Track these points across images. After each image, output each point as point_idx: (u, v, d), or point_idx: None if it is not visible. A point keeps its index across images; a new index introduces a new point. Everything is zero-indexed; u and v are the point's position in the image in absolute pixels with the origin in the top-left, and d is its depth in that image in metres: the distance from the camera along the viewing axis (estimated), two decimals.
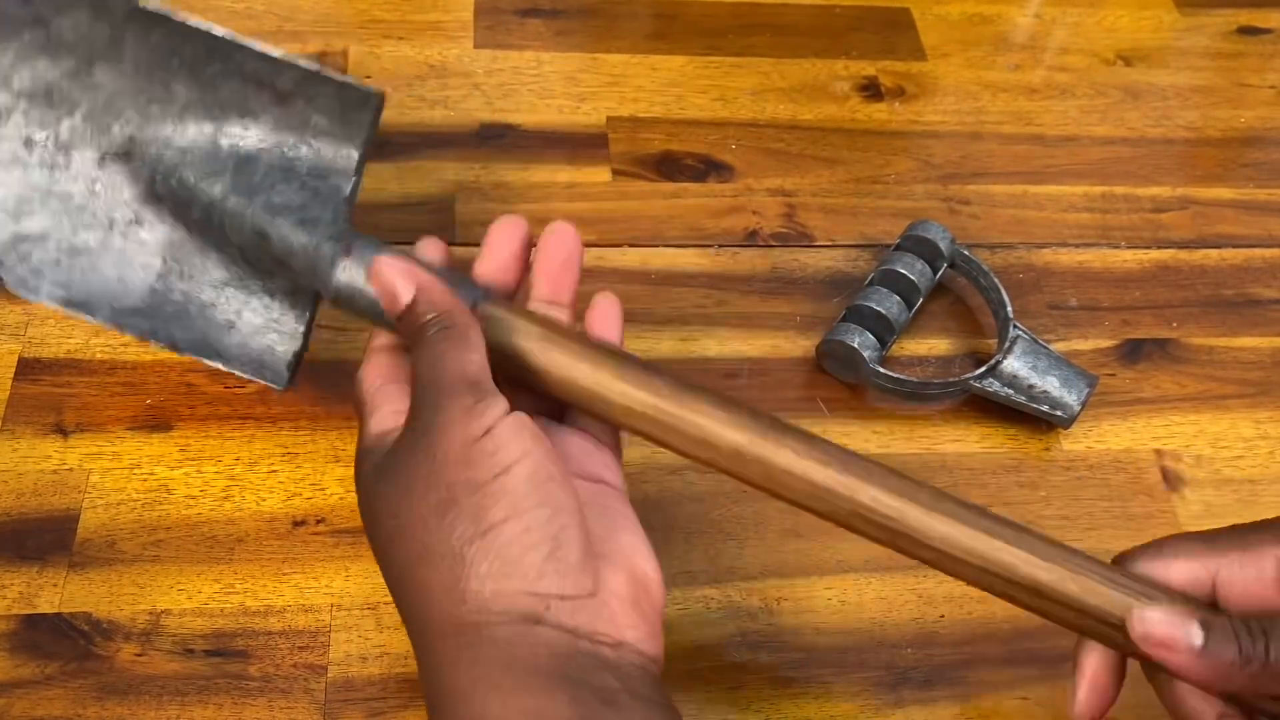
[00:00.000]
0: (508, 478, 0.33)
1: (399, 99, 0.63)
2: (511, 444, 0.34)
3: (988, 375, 0.53)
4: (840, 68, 0.69)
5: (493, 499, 0.33)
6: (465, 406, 0.34)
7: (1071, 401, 0.52)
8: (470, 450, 0.34)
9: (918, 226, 0.57)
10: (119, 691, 0.43)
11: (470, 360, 0.36)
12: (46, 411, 0.50)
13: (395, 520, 0.35)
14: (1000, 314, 0.55)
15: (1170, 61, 0.72)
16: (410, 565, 0.34)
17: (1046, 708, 0.46)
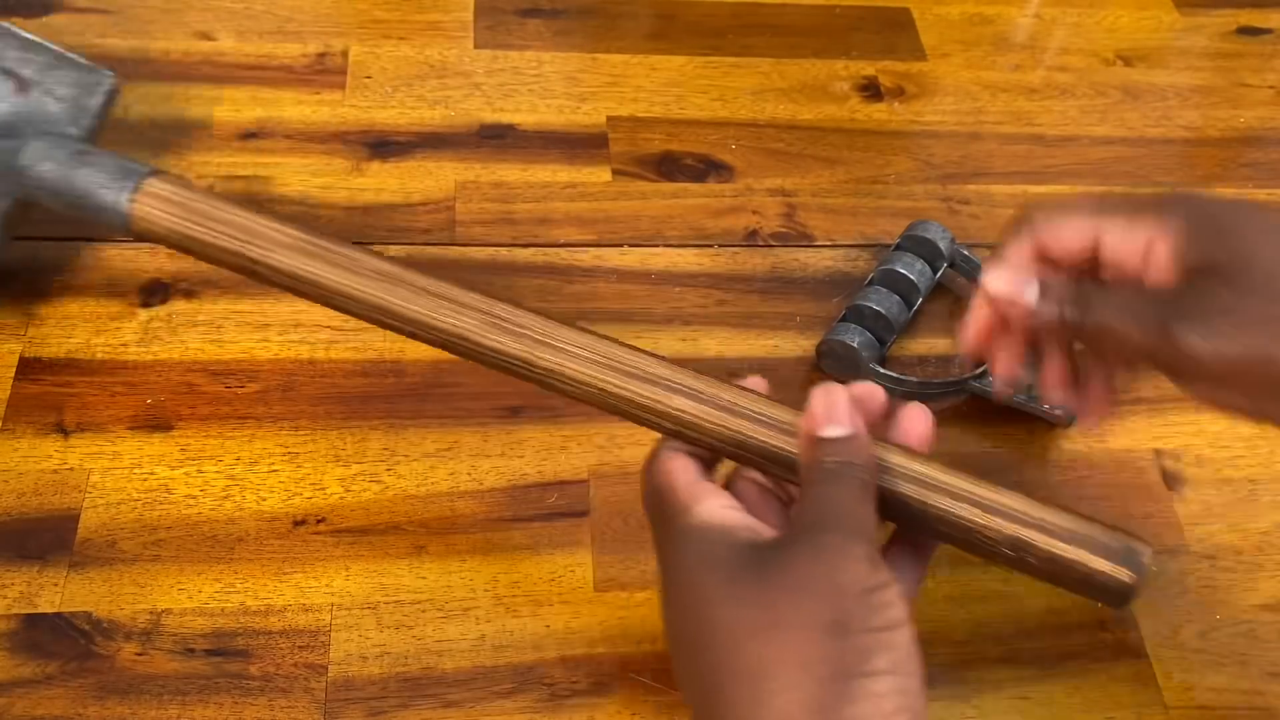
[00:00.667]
0: (896, 634, 0.33)
1: (399, 99, 0.63)
2: (900, 606, 0.34)
3: (987, 375, 0.53)
4: (840, 68, 0.69)
5: (880, 646, 0.33)
6: (868, 553, 0.35)
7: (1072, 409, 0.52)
8: (868, 595, 0.34)
9: (918, 226, 0.57)
10: (119, 691, 0.43)
11: (874, 521, 0.37)
12: (47, 411, 0.50)
13: (768, 614, 0.34)
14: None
15: (1170, 61, 0.72)
16: (769, 665, 0.33)
17: (1046, 707, 0.46)
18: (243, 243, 0.43)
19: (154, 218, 0.44)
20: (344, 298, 0.42)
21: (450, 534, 0.48)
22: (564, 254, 0.58)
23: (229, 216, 0.44)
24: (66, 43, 0.63)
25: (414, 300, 0.41)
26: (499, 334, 0.41)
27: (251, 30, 0.65)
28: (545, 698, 0.44)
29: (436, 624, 0.46)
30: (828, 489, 0.36)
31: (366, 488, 0.49)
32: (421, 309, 0.41)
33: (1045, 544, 0.37)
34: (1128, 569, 0.37)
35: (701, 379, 0.40)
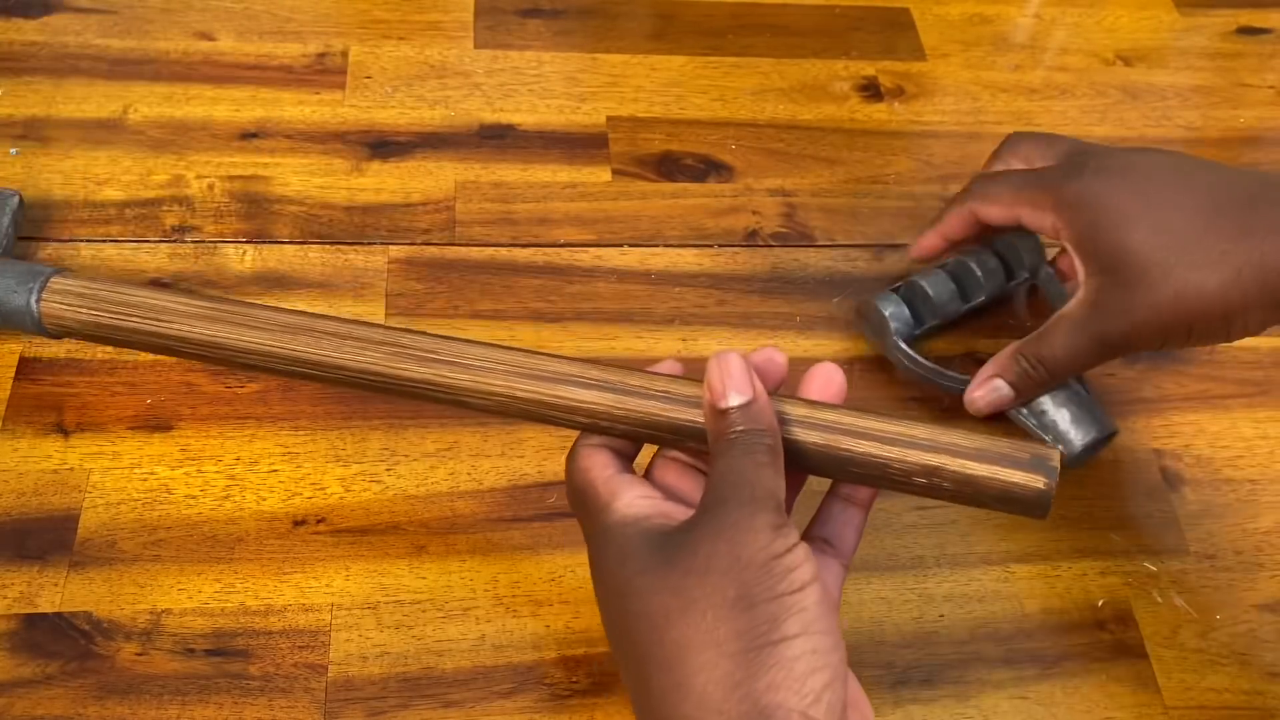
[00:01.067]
0: (803, 595, 0.34)
1: (399, 99, 0.63)
2: (806, 567, 0.35)
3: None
4: (840, 68, 0.69)
5: (787, 611, 0.34)
6: (772, 523, 0.36)
7: (1074, 439, 0.50)
8: (772, 562, 0.35)
9: (1017, 235, 0.55)
10: (119, 691, 0.43)
11: (780, 485, 0.37)
12: (47, 411, 0.50)
13: (678, 599, 0.35)
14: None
15: (1170, 61, 0.72)
16: (686, 649, 0.34)
17: (1046, 707, 0.46)
18: (149, 320, 0.44)
19: (63, 313, 0.46)
20: (253, 355, 0.43)
21: (450, 534, 0.48)
22: (564, 254, 0.58)
23: (132, 298, 0.45)
24: (67, 43, 0.64)
25: (318, 345, 0.42)
26: (406, 362, 0.42)
27: (251, 30, 0.65)
28: (545, 698, 0.44)
29: (436, 624, 0.46)
30: (730, 460, 0.37)
31: (366, 488, 0.49)
32: (327, 352, 0.42)
33: (957, 466, 0.39)
34: (1042, 475, 0.38)
35: (608, 370, 0.41)
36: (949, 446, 0.39)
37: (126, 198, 0.57)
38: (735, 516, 0.36)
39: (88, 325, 0.45)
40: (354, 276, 0.56)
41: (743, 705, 0.33)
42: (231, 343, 0.43)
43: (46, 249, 0.55)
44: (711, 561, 0.35)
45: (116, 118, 0.61)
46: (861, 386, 0.55)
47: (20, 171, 0.58)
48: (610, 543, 0.38)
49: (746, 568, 0.34)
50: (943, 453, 0.39)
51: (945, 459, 0.39)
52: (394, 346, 0.42)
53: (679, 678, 0.34)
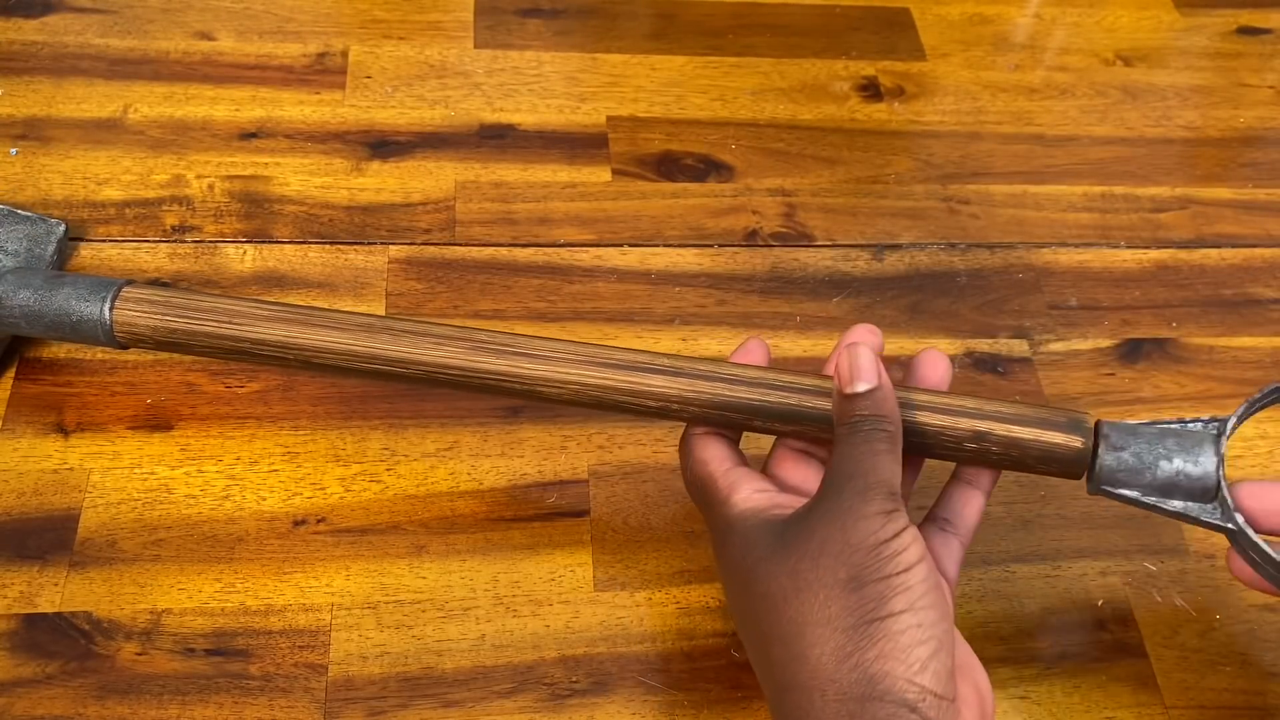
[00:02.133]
0: (909, 575, 0.37)
1: (399, 99, 0.63)
2: (913, 549, 0.37)
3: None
4: (840, 68, 0.69)
5: (894, 590, 0.36)
6: (884, 509, 0.38)
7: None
8: (881, 546, 0.37)
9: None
10: (120, 691, 0.43)
11: (895, 471, 0.39)
12: (47, 411, 0.50)
13: (794, 581, 0.37)
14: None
15: (1170, 61, 0.72)
16: (802, 626, 0.37)
17: (1046, 707, 0.46)
18: (225, 323, 0.45)
19: (135, 320, 0.46)
20: (333, 354, 0.44)
21: (450, 534, 0.48)
22: (564, 254, 0.58)
23: (205, 303, 0.45)
24: (67, 43, 0.64)
25: (397, 342, 0.43)
26: (483, 355, 0.43)
27: (251, 30, 0.65)
28: (545, 698, 0.45)
29: (436, 624, 0.46)
30: (850, 448, 0.40)
31: (366, 488, 0.49)
32: (406, 348, 0.43)
33: (1003, 430, 0.42)
34: (1079, 435, 0.42)
35: (678, 357, 0.43)
36: (994, 413, 0.42)
37: (126, 198, 0.57)
38: (849, 503, 0.38)
39: (161, 331, 0.45)
40: (354, 276, 0.56)
41: (853, 674, 0.35)
42: (310, 343, 0.44)
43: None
44: (825, 545, 0.37)
45: (116, 118, 0.61)
46: None
47: (20, 171, 0.58)
48: (733, 533, 0.40)
49: (856, 551, 0.37)
50: (989, 419, 0.42)
51: (992, 424, 0.42)
52: (470, 341, 0.43)
53: (797, 651, 0.37)
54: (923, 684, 0.35)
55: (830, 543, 0.37)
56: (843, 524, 0.37)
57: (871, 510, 0.38)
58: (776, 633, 0.38)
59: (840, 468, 0.39)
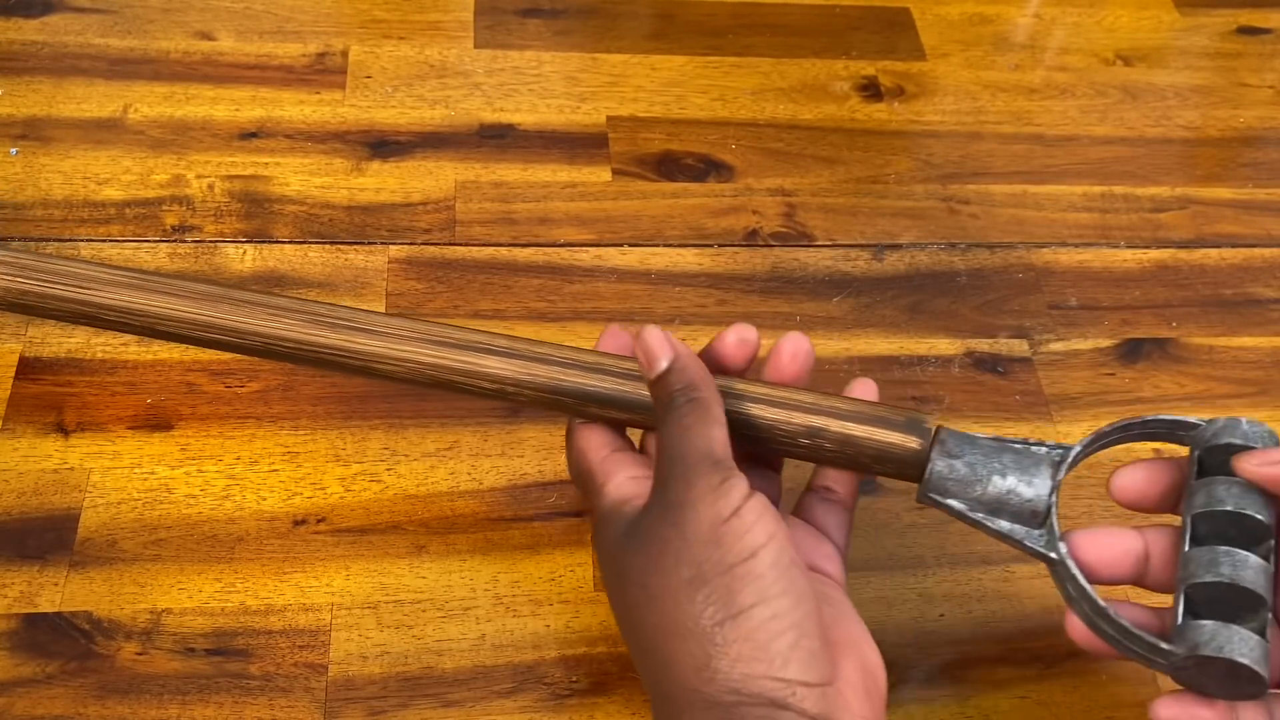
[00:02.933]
0: (755, 562, 0.34)
1: (399, 99, 0.63)
2: (758, 527, 0.35)
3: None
4: (840, 68, 0.69)
5: (742, 582, 0.34)
6: (711, 485, 0.35)
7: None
8: (719, 530, 0.35)
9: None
10: (120, 691, 0.43)
11: (714, 436, 0.37)
12: (47, 411, 0.50)
13: (644, 591, 0.36)
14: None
15: (1170, 61, 0.72)
16: (660, 636, 0.35)
17: (1046, 707, 0.46)
18: (74, 288, 0.44)
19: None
20: (174, 322, 0.44)
21: (450, 534, 0.48)
22: (564, 254, 0.58)
23: (57, 267, 0.45)
24: (67, 43, 0.64)
25: (235, 312, 0.43)
26: (319, 329, 0.43)
27: (251, 30, 0.65)
28: (545, 697, 0.45)
29: (436, 623, 0.46)
30: (667, 427, 0.38)
31: (366, 487, 0.49)
32: (243, 318, 0.43)
33: (838, 427, 0.40)
34: (916, 436, 0.40)
35: (523, 340, 0.42)
36: (830, 409, 0.41)
37: (126, 197, 0.57)
38: (676, 494, 0.36)
39: (11, 293, 0.45)
40: (354, 276, 0.56)
41: (713, 684, 0.34)
42: (152, 310, 0.43)
43: (47, 249, 0.55)
44: (664, 547, 0.35)
45: (116, 117, 0.61)
46: None
47: (20, 171, 0.58)
48: (604, 526, 0.39)
49: (693, 544, 0.35)
50: (824, 415, 0.40)
51: (827, 420, 0.40)
52: (307, 314, 0.43)
53: (661, 660, 0.35)
54: (789, 677, 0.34)
55: (668, 543, 0.35)
56: (675, 519, 0.35)
57: (699, 492, 0.35)
58: (640, 641, 0.36)
59: (663, 455, 0.37)
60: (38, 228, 0.56)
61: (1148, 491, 0.40)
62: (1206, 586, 0.36)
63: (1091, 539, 0.39)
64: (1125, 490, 0.40)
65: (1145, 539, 0.39)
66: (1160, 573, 0.39)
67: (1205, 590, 0.36)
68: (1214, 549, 0.37)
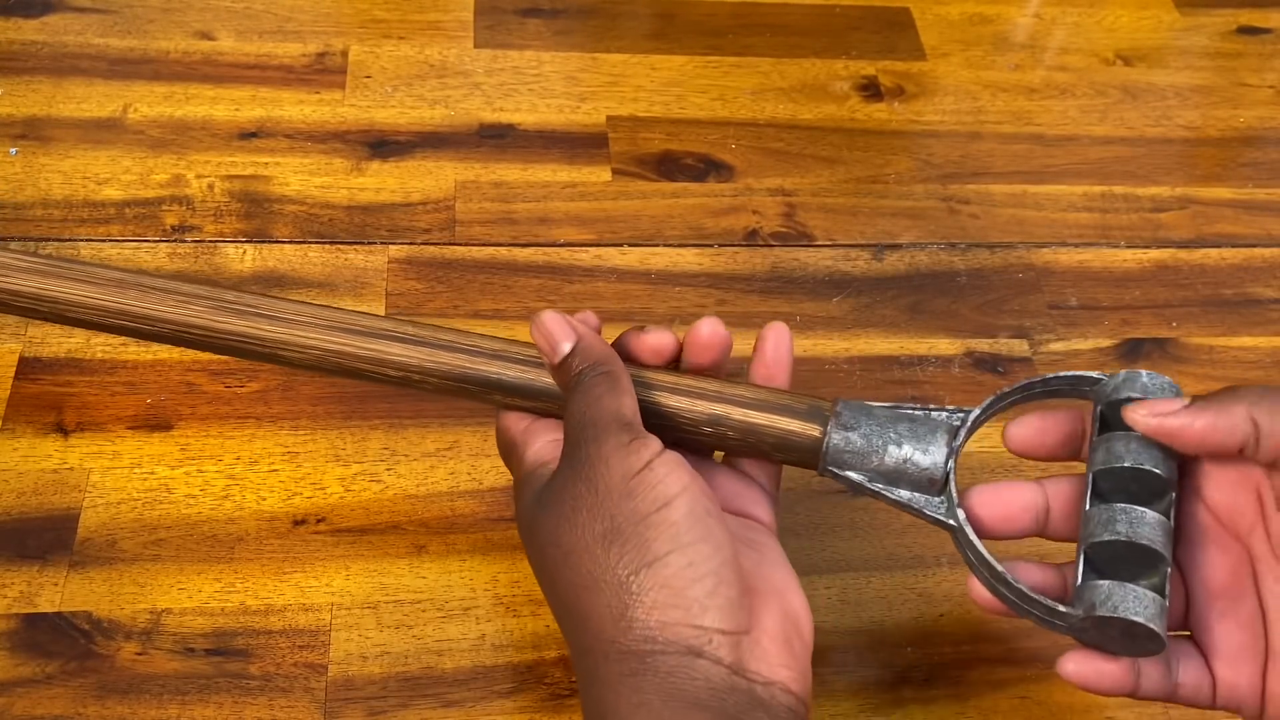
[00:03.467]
0: (669, 511, 0.35)
1: (399, 99, 0.63)
2: (671, 478, 0.35)
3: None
4: (840, 68, 0.69)
5: (656, 531, 0.34)
6: (622, 442, 0.36)
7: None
8: (632, 482, 0.35)
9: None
10: (119, 690, 0.43)
11: (624, 403, 0.38)
12: (47, 411, 0.50)
13: (559, 549, 0.36)
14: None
15: (1170, 61, 0.72)
16: (576, 591, 0.35)
17: (1046, 707, 0.46)
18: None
19: None
20: (84, 309, 0.43)
21: (450, 533, 0.48)
22: (564, 253, 0.58)
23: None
24: (67, 43, 0.64)
25: (144, 299, 0.42)
26: (225, 315, 0.42)
27: (251, 30, 0.65)
28: (545, 697, 0.44)
29: (436, 623, 0.46)
30: (572, 405, 0.38)
31: (366, 487, 0.49)
32: (152, 305, 0.42)
33: (740, 415, 0.40)
34: (817, 424, 0.40)
35: (430, 327, 0.42)
36: (733, 397, 0.40)
37: (126, 197, 0.57)
38: (587, 452, 0.36)
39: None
40: (354, 276, 0.56)
41: (630, 633, 0.34)
42: (62, 297, 0.43)
43: (46, 249, 0.55)
44: (577, 503, 0.36)
45: (116, 117, 0.61)
46: (861, 386, 0.55)
47: (20, 171, 0.58)
48: (522, 491, 0.39)
49: (607, 498, 0.35)
50: (727, 402, 0.40)
51: (729, 408, 0.40)
52: (214, 301, 0.42)
53: (579, 616, 0.35)
54: (704, 625, 0.34)
55: (581, 499, 0.35)
56: (587, 475, 0.36)
57: (609, 449, 0.36)
58: (559, 599, 0.36)
59: (571, 424, 0.38)
60: (37, 228, 0.56)
61: (1042, 440, 0.40)
62: (1105, 546, 0.36)
63: (989, 495, 0.39)
64: (1017, 439, 0.41)
65: (1045, 491, 0.40)
66: (1061, 524, 0.40)
67: (1104, 549, 0.37)
68: (1112, 506, 0.37)
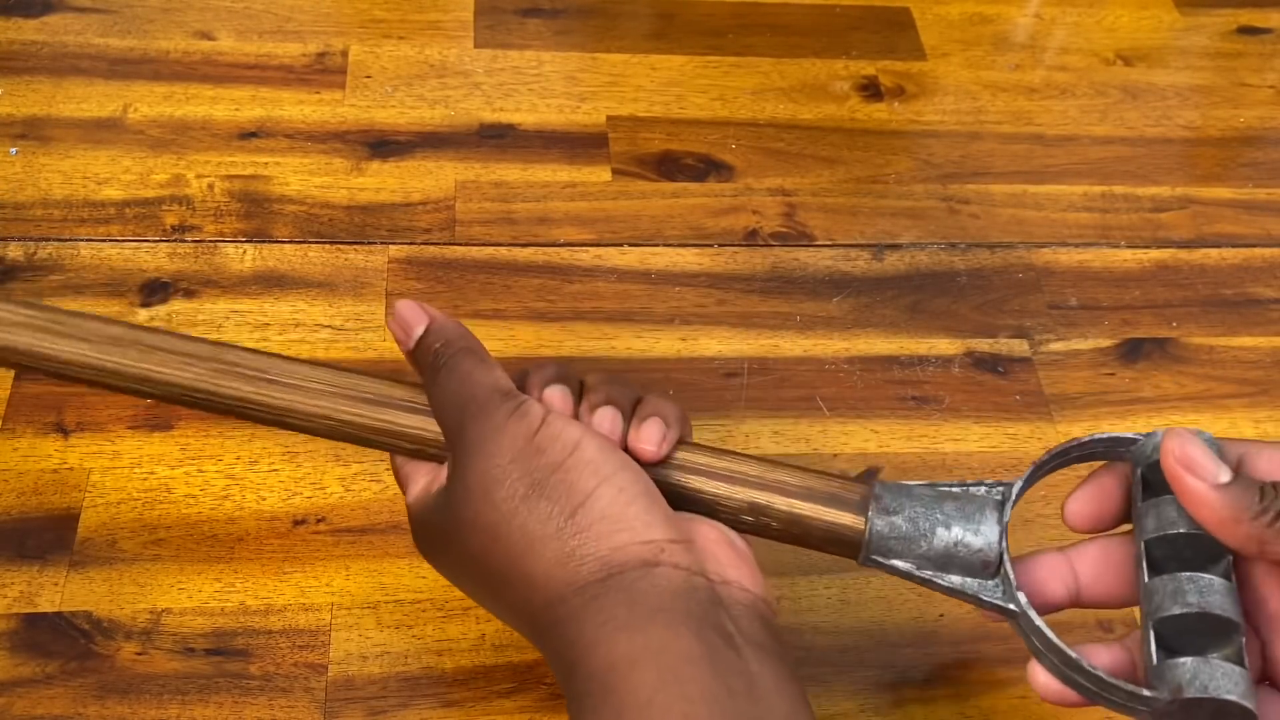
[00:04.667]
0: (581, 452, 0.35)
1: (399, 98, 0.63)
2: (567, 429, 0.36)
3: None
4: (840, 67, 0.69)
5: (577, 473, 0.35)
6: (511, 408, 0.36)
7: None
8: (536, 439, 0.35)
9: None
10: (119, 690, 0.43)
11: (496, 375, 0.38)
12: (47, 411, 0.50)
13: (484, 535, 0.36)
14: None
15: (1170, 61, 0.72)
16: (513, 562, 0.35)
17: (1046, 707, 0.46)
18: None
19: None
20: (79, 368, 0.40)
21: None
22: (564, 253, 0.58)
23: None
24: (67, 42, 0.64)
25: (146, 359, 0.40)
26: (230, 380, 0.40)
27: (251, 30, 0.65)
28: (545, 697, 0.44)
29: (437, 623, 0.46)
30: (439, 387, 0.38)
31: (366, 487, 0.49)
32: (151, 366, 0.40)
33: (784, 504, 0.38)
34: (857, 512, 0.37)
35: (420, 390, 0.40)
36: (776, 484, 0.38)
37: (126, 197, 0.57)
38: (476, 432, 0.36)
39: None
40: (354, 276, 0.56)
41: (582, 569, 0.34)
42: (57, 354, 0.40)
43: (46, 249, 0.55)
44: (488, 481, 0.35)
45: (116, 117, 0.61)
46: (862, 387, 0.55)
47: (20, 171, 0.58)
48: (419, 513, 0.39)
49: (517, 461, 0.35)
50: (770, 490, 0.38)
51: (772, 496, 0.38)
52: (219, 363, 0.40)
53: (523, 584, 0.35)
54: (654, 538, 0.34)
55: (491, 475, 0.35)
56: (489, 451, 0.36)
57: (500, 419, 0.36)
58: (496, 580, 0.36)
59: (446, 407, 0.37)
60: (37, 228, 0.56)
61: (1102, 512, 0.38)
62: (1176, 619, 0.34)
63: (1020, 570, 0.37)
64: (1079, 515, 0.38)
65: (1069, 558, 0.38)
66: (1091, 589, 0.38)
67: (1175, 623, 0.34)
68: (1176, 576, 0.34)
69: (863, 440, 0.53)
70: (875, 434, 0.53)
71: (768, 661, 0.34)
